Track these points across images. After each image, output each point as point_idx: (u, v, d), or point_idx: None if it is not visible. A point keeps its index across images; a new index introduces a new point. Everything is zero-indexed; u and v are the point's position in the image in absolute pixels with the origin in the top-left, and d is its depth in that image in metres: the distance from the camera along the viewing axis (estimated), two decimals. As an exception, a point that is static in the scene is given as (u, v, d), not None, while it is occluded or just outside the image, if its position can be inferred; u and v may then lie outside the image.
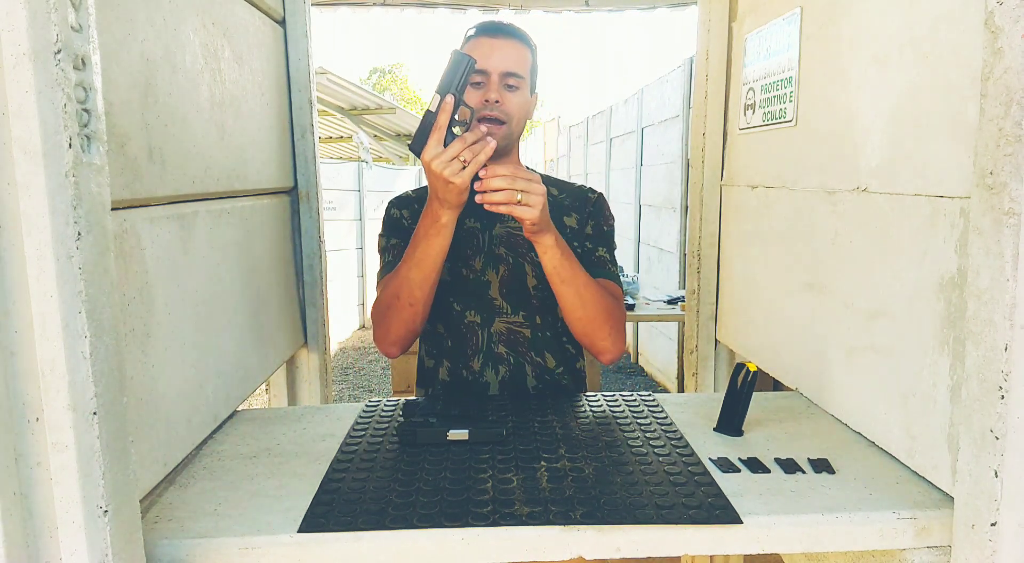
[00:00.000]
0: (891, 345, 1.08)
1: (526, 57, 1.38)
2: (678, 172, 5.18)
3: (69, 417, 0.67)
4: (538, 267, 1.39)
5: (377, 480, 1.01)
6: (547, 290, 1.40)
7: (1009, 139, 0.78)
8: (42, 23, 0.62)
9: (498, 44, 1.34)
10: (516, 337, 1.42)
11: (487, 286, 1.42)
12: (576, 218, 1.46)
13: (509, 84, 1.34)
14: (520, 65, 1.36)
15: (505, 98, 1.34)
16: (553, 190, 1.48)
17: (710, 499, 0.94)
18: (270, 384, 1.85)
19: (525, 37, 1.40)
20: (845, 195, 1.22)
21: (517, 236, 1.42)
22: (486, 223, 1.43)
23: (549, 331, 1.44)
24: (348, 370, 6.62)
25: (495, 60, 1.32)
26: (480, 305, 1.42)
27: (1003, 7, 0.77)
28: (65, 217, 0.65)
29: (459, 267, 1.42)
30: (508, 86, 1.34)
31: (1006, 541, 0.82)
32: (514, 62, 1.35)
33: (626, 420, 1.25)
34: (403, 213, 1.47)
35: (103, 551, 0.70)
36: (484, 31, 1.36)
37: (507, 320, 1.42)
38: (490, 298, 1.42)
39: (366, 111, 9.53)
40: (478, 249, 1.43)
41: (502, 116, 1.34)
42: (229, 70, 1.32)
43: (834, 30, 1.28)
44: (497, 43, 1.34)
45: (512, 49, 1.35)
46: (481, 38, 1.35)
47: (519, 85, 1.36)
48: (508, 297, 1.42)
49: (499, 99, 1.33)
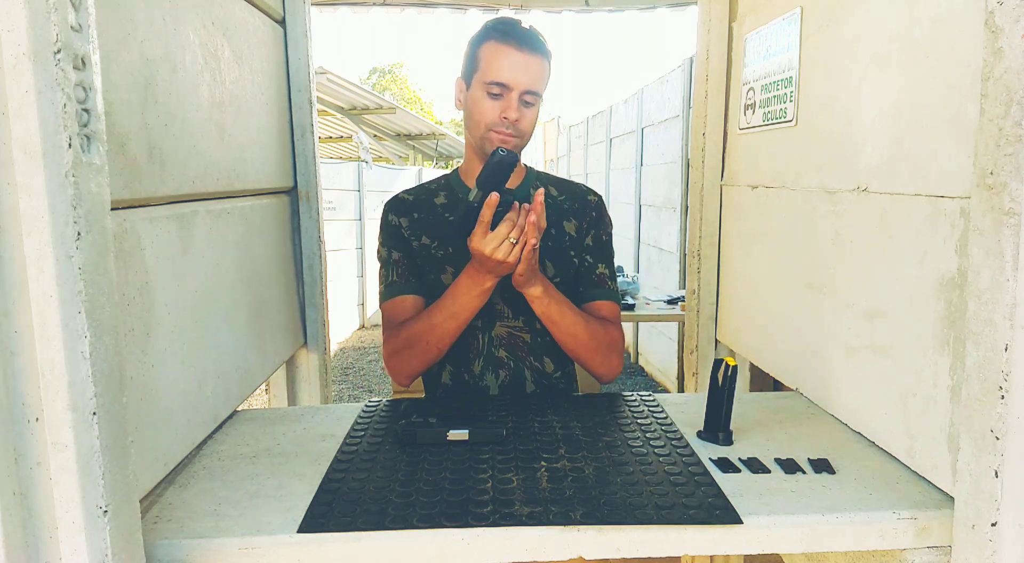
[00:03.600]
0: (891, 345, 1.08)
1: (547, 72, 1.35)
2: (678, 172, 5.19)
3: (69, 417, 0.67)
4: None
5: (377, 480, 1.01)
6: None
7: (1009, 139, 0.78)
8: (42, 23, 0.62)
9: (524, 60, 1.30)
10: (516, 341, 1.42)
11: (488, 292, 1.40)
12: (575, 225, 1.45)
13: (527, 101, 1.32)
14: (541, 83, 1.33)
15: (522, 116, 1.32)
16: (552, 190, 1.47)
17: (710, 499, 0.94)
18: (270, 384, 1.85)
19: (547, 50, 1.35)
20: (845, 195, 1.22)
21: None
22: None
23: (548, 336, 1.43)
24: (348, 370, 6.63)
25: (520, 77, 1.29)
26: (482, 309, 1.41)
27: (1003, 7, 0.77)
28: (65, 217, 0.65)
29: (459, 273, 1.40)
30: (526, 103, 1.32)
31: (1006, 541, 0.82)
32: (537, 79, 1.32)
33: (626, 420, 1.25)
34: (402, 222, 1.44)
35: (103, 551, 0.70)
36: (510, 38, 1.30)
37: (507, 324, 1.42)
38: (491, 302, 1.41)
39: (366, 111, 9.54)
40: None
41: (516, 133, 1.33)
42: (229, 70, 1.32)
43: (834, 30, 1.28)
44: (523, 59, 1.29)
45: (538, 66, 1.32)
46: (507, 47, 1.30)
47: (535, 102, 1.34)
48: (509, 301, 1.41)
49: (518, 118, 1.31)
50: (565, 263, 1.43)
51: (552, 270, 1.42)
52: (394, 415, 1.28)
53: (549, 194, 1.45)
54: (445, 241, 1.43)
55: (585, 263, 1.45)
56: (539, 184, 1.46)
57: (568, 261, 1.44)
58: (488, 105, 1.32)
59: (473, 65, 1.35)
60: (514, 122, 1.32)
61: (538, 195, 1.21)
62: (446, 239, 1.42)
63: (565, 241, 1.43)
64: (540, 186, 1.43)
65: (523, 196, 1.41)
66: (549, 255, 1.42)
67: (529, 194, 1.42)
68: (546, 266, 1.41)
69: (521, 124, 1.33)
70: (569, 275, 1.44)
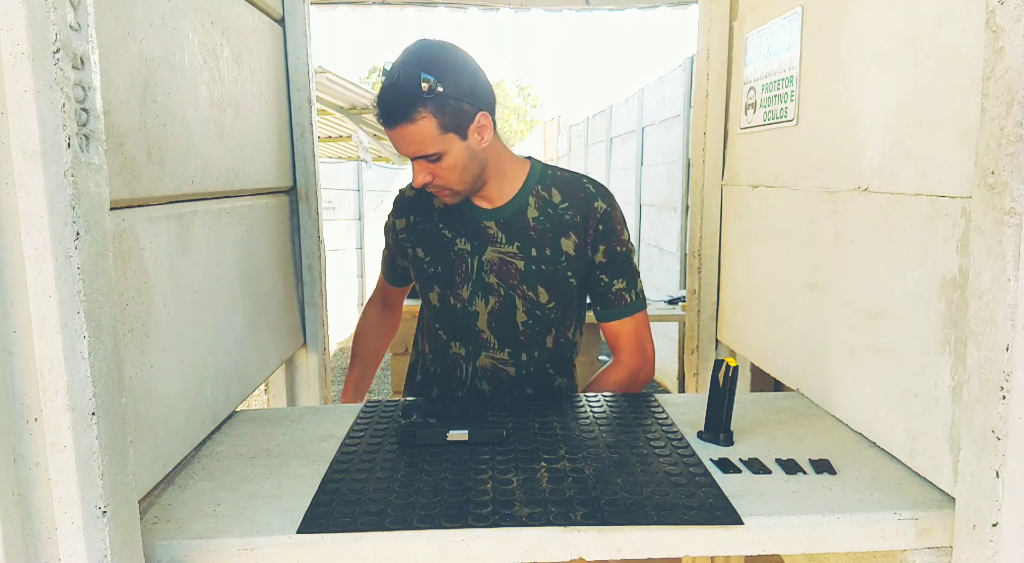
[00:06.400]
0: (892, 345, 1.07)
1: (424, 131, 1.22)
2: (679, 172, 5.18)
3: (68, 417, 0.67)
4: (529, 302, 1.36)
5: (376, 481, 1.01)
6: (536, 326, 1.38)
7: (1010, 138, 0.77)
8: (41, 22, 0.62)
9: (395, 135, 1.25)
10: (500, 375, 1.40)
11: (475, 317, 1.38)
12: (575, 241, 1.35)
13: (430, 160, 1.26)
14: (423, 144, 1.24)
15: (433, 172, 1.27)
16: (556, 195, 1.37)
17: (711, 500, 0.94)
18: (269, 384, 1.85)
19: (411, 108, 1.21)
20: (846, 195, 1.21)
21: (510, 264, 1.35)
22: (477, 246, 1.37)
23: (533, 367, 1.41)
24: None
25: (401, 150, 1.26)
26: (466, 336, 1.39)
27: (1004, 6, 0.77)
28: (64, 217, 0.65)
29: (447, 294, 1.38)
30: (430, 161, 1.26)
31: (1007, 542, 0.82)
32: (415, 145, 1.24)
33: (626, 420, 1.25)
34: (398, 223, 1.47)
35: (102, 552, 0.70)
36: (380, 119, 1.25)
37: (492, 355, 1.39)
38: (477, 330, 1.38)
39: (365, 110, 9.52)
40: (467, 276, 1.37)
41: (441, 185, 1.29)
42: (228, 69, 1.32)
43: (835, 29, 1.28)
44: (394, 134, 1.25)
45: (406, 136, 1.23)
46: (385, 129, 1.26)
47: (440, 155, 1.25)
48: (496, 331, 1.38)
49: (427, 180, 1.28)
50: (561, 286, 1.36)
51: (546, 296, 1.36)
52: (394, 415, 1.28)
53: (551, 202, 1.36)
54: (435, 257, 1.40)
55: (601, 283, 1.38)
56: (540, 187, 1.37)
57: (564, 283, 1.36)
58: (413, 174, 1.30)
59: None
60: (426, 185, 1.29)
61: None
62: (436, 254, 1.40)
63: (561, 262, 1.35)
64: (542, 189, 1.37)
65: (518, 208, 1.35)
66: (541, 280, 1.35)
67: (526, 203, 1.35)
68: (539, 292, 1.35)
69: (437, 179, 1.28)
70: (568, 297, 1.39)
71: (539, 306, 1.37)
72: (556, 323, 1.40)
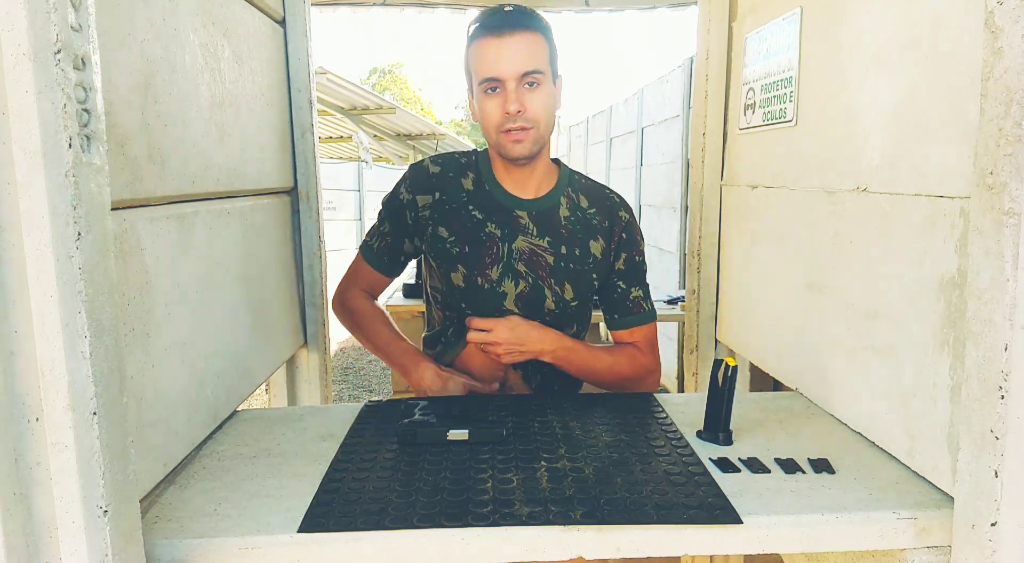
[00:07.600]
0: (891, 345, 1.08)
1: (540, 46, 1.23)
2: (678, 172, 5.18)
3: (69, 417, 0.67)
4: (557, 294, 1.37)
5: (377, 480, 1.01)
6: (563, 317, 1.39)
7: (1009, 139, 0.78)
8: (42, 23, 0.62)
9: (505, 43, 1.20)
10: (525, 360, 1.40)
11: (503, 297, 1.36)
12: (602, 246, 1.39)
13: (528, 82, 1.23)
14: (536, 59, 1.22)
15: (527, 101, 1.23)
16: (584, 200, 1.40)
17: (710, 499, 0.94)
18: (270, 384, 1.85)
19: (534, 21, 1.24)
20: (845, 195, 1.22)
21: (540, 257, 1.36)
22: (507, 233, 1.36)
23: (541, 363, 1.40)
24: (348, 370, 6.62)
25: (505, 65, 1.21)
26: (493, 314, 1.37)
27: (1003, 7, 0.77)
28: (65, 217, 0.65)
29: (474, 274, 1.35)
30: (528, 85, 1.23)
31: (1006, 541, 0.82)
32: (528, 58, 1.21)
33: (626, 420, 1.25)
34: (419, 200, 1.36)
35: (103, 551, 0.70)
36: (488, 29, 1.22)
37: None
38: (505, 310, 1.37)
39: (366, 111, 9.53)
40: (497, 257, 1.35)
41: (527, 124, 1.25)
42: (229, 70, 1.32)
43: (834, 30, 1.28)
44: (504, 43, 1.20)
45: (523, 44, 1.21)
46: (487, 39, 1.22)
47: (540, 80, 1.23)
48: (523, 313, 1.37)
49: (520, 108, 1.23)
50: (585, 286, 1.39)
51: (571, 293, 1.37)
52: (394, 415, 1.28)
53: (579, 206, 1.39)
54: (462, 237, 1.35)
55: (618, 290, 1.40)
56: (570, 189, 1.41)
57: (588, 284, 1.39)
58: (490, 105, 1.25)
59: (469, 73, 1.30)
60: (517, 114, 1.23)
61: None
62: (463, 234, 1.35)
63: (589, 263, 1.38)
64: (572, 191, 1.40)
65: (551, 205, 1.37)
66: (569, 277, 1.37)
67: (558, 202, 1.38)
68: (564, 288, 1.37)
69: (528, 112, 1.24)
70: (588, 297, 1.42)
71: (564, 302, 1.38)
72: (575, 319, 1.43)
